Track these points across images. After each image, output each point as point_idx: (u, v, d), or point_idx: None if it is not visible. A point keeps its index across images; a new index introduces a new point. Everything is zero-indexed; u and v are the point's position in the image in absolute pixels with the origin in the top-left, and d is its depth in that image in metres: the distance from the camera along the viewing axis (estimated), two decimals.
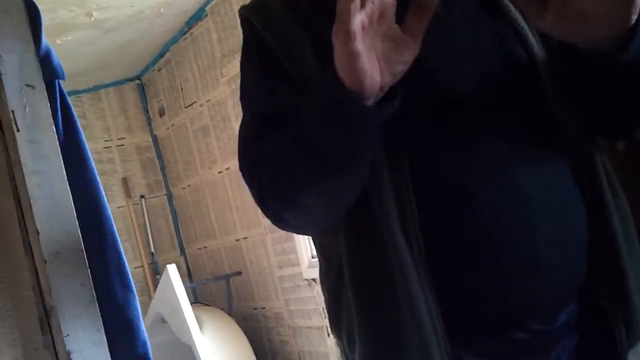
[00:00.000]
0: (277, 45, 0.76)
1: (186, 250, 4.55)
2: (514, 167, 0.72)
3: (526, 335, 0.73)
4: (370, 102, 0.63)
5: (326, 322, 3.23)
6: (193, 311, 3.19)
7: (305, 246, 3.30)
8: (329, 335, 3.24)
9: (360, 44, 0.59)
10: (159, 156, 4.55)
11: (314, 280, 3.25)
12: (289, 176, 0.70)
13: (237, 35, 3.40)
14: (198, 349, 3.14)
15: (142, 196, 4.44)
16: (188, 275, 4.50)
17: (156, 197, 4.51)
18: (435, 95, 0.73)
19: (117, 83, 4.42)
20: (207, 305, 3.87)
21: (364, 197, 0.72)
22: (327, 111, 0.65)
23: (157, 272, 4.33)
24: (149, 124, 4.54)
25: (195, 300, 4.21)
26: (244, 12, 0.81)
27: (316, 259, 3.31)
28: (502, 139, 0.72)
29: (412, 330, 0.69)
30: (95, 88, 4.33)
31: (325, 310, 3.30)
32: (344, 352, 0.82)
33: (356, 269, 0.75)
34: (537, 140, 0.74)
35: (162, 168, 4.55)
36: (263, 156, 0.73)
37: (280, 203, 0.73)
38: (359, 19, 0.59)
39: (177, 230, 4.55)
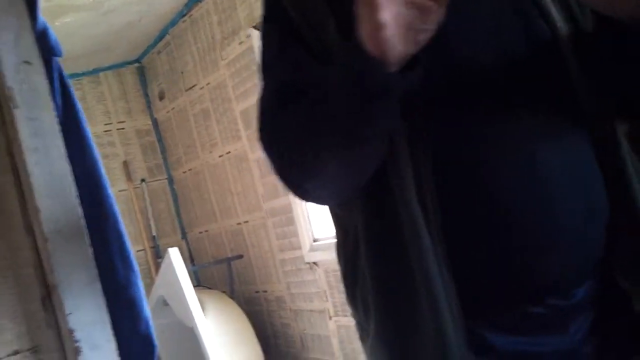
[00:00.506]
0: (298, 14, 0.75)
1: (187, 234, 4.56)
2: (534, 142, 0.71)
3: (543, 310, 0.73)
4: (392, 71, 0.63)
5: (328, 305, 3.24)
6: (195, 294, 3.20)
7: (306, 230, 3.30)
8: (330, 318, 3.26)
9: (386, 14, 0.59)
10: (160, 140, 4.53)
11: (315, 263, 3.26)
12: (311, 145, 0.70)
13: (236, 18, 3.36)
14: (200, 332, 3.15)
15: (143, 180, 4.43)
16: (190, 259, 4.51)
17: (157, 180, 4.51)
18: (456, 69, 0.72)
19: (117, 66, 4.39)
20: (209, 288, 3.89)
21: (382, 170, 0.72)
22: (351, 80, 0.64)
23: (158, 255, 4.34)
24: (149, 107, 4.52)
25: (197, 283, 4.22)
26: None
27: (318, 242, 3.31)
28: (522, 114, 0.72)
29: (426, 304, 0.69)
30: (95, 71, 4.30)
31: (326, 294, 3.32)
32: (359, 324, 0.82)
33: (372, 242, 0.75)
34: (557, 115, 0.73)
35: (163, 152, 4.54)
36: (285, 126, 0.73)
37: (302, 172, 0.73)
38: None
39: (178, 213, 4.55)
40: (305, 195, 0.77)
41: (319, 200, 0.82)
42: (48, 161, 0.95)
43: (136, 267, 1.08)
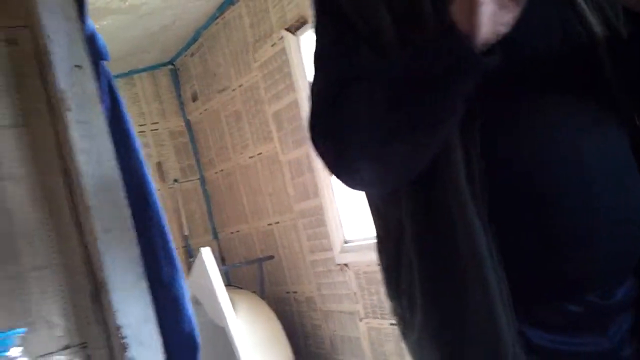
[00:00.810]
0: (353, 9, 0.77)
1: (219, 234, 4.61)
2: (577, 137, 0.72)
3: (580, 308, 0.72)
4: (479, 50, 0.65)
5: (358, 306, 3.24)
6: (226, 294, 3.23)
7: (337, 231, 3.30)
8: (361, 320, 3.25)
9: None
10: (192, 141, 4.59)
11: (346, 265, 3.26)
12: (376, 130, 0.71)
13: (269, 20, 3.39)
14: (232, 331, 3.18)
15: (175, 180, 4.50)
16: (220, 259, 4.56)
17: (189, 181, 4.57)
18: (508, 63, 0.73)
19: (151, 68, 4.47)
20: (240, 288, 3.92)
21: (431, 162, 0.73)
22: (436, 55, 0.67)
23: (190, 255, 4.40)
24: (182, 108, 4.59)
25: (227, 283, 4.26)
26: None
27: (349, 244, 3.31)
28: (568, 111, 0.73)
29: (479, 294, 0.69)
30: (130, 73, 4.38)
31: (357, 295, 3.31)
32: (401, 317, 0.82)
33: (420, 233, 0.75)
34: (597, 112, 0.74)
35: (195, 152, 4.60)
36: (346, 113, 0.73)
37: (362, 156, 0.73)
38: None
39: (209, 214, 4.60)
40: (357, 181, 0.78)
41: (369, 187, 0.82)
42: (98, 162, 0.98)
43: (179, 265, 1.11)
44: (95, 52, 1.05)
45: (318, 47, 0.82)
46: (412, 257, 0.76)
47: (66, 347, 1.01)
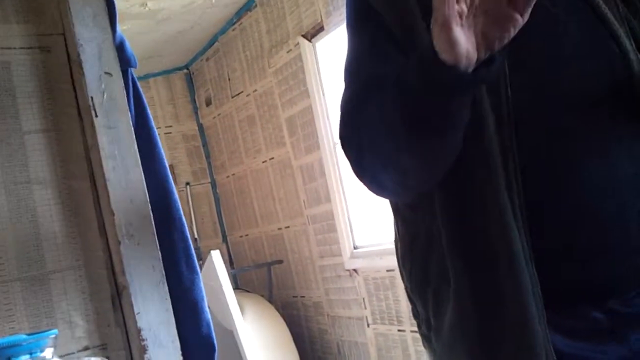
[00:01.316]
0: (389, 16, 0.78)
1: (228, 238, 4.64)
2: (609, 147, 0.75)
3: (602, 314, 0.73)
4: (463, 70, 0.65)
5: (366, 312, 3.25)
6: (235, 297, 3.25)
7: (347, 237, 3.31)
8: (368, 325, 3.26)
9: (457, 33, 0.62)
10: (205, 144, 4.63)
11: (355, 270, 3.27)
12: (390, 137, 0.73)
13: (285, 27, 3.42)
14: (240, 334, 3.20)
15: (187, 183, 4.54)
16: (229, 262, 4.58)
17: (201, 184, 4.61)
18: (540, 78, 0.76)
19: (166, 72, 4.51)
20: (248, 291, 3.94)
21: (463, 167, 0.75)
22: (425, 77, 0.67)
23: (199, 257, 4.43)
24: (196, 112, 4.63)
25: (236, 286, 4.29)
26: None
27: (358, 250, 3.33)
28: (602, 125, 0.76)
29: (515, 298, 0.71)
30: (145, 77, 4.43)
31: (365, 301, 3.31)
32: (426, 322, 0.84)
33: (455, 237, 0.77)
34: (629, 125, 0.76)
35: (207, 156, 4.64)
36: (366, 120, 0.76)
37: (380, 164, 0.76)
38: (454, 9, 0.61)
39: (220, 217, 4.63)
40: (380, 188, 0.80)
41: (393, 194, 0.84)
42: (124, 168, 1.01)
43: (198, 269, 1.13)
44: (123, 59, 1.07)
45: (350, 54, 0.84)
46: (448, 262, 0.77)
47: (86, 348, 1.03)
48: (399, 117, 0.71)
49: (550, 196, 0.74)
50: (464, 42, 0.62)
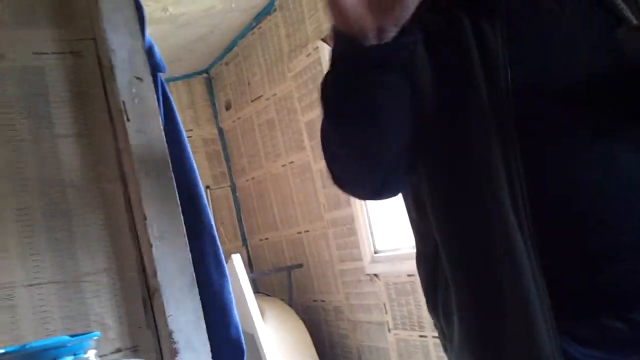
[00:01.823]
0: None
1: (248, 241, 4.65)
2: (618, 152, 0.73)
3: (624, 325, 0.71)
4: (369, 43, 0.65)
5: (387, 317, 3.23)
6: (255, 301, 3.26)
7: (368, 241, 3.30)
8: (389, 331, 3.24)
9: None
10: (224, 148, 4.66)
11: (376, 275, 3.26)
12: (330, 131, 0.74)
13: (304, 30, 3.43)
14: (260, 338, 3.21)
15: (207, 187, 4.56)
16: (249, 266, 4.60)
17: (221, 188, 4.63)
18: (545, 83, 0.75)
19: (186, 76, 4.55)
20: (268, 295, 3.95)
21: (465, 174, 0.73)
22: (332, 56, 0.69)
23: None
24: (216, 116, 4.66)
25: (256, 290, 4.30)
26: None
27: (379, 254, 3.31)
28: (608, 125, 0.74)
29: (519, 310, 0.69)
30: (166, 81, 4.47)
31: (386, 306, 3.30)
32: (441, 331, 0.83)
33: (453, 247, 0.76)
34: (635, 123, 0.74)
35: (227, 160, 4.66)
36: (325, 126, 0.77)
37: (330, 160, 0.77)
38: None
39: (239, 221, 4.65)
40: (342, 184, 0.80)
41: (354, 189, 0.84)
42: (155, 171, 1.01)
43: (227, 273, 1.13)
44: (152, 64, 1.08)
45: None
46: (448, 273, 0.77)
47: (118, 350, 1.04)
48: (332, 105, 0.71)
49: (556, 201, 0.72)
50: (353, 3, 0.62)
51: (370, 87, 0.68)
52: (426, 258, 0.83)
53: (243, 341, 1.10)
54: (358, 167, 0.76)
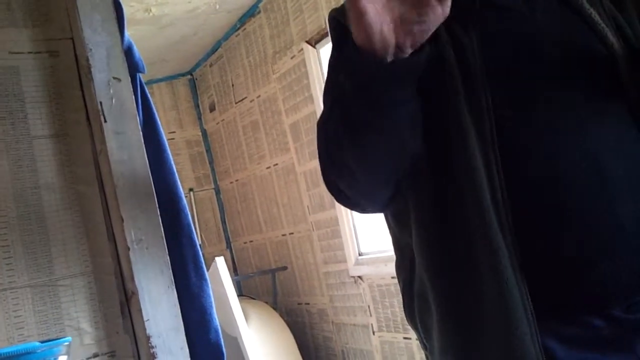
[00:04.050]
0: None
1: (232, 244, 4.62)
2: (598, 148, 0.73)
3: (603, 322, 0.71)
4: (387, 60, 0.66)
5: (371, 319, 3.23)
6: (239, 304, 3.23)
7: (352, 243, 3.30)
8: (374, 333, 3.24)
9: (365, 3, 0.62)
10: (208, 150, 4.63)
11: (360, 277, 3.26)
12: (334, 142, 0.75)
13: (289, 32, 3.42)
14: (244, 341, 3.19)
15: (190, 189, 4.53)
16: (233, 269, 4.57)
17: (204, 190, 4.60)
18: (521, 80, 0.75)
19: (170, 78, 4.52)
20: (252, 298, 3.93)
21: (447, 181, 0.73)
22: (347, 69, 0.70)
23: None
24: (199, 118, 4.63)
25: (240, 293, 4.27)
26: (335, 14, 0.83)
27: (363, 256, 3.31)
28: (586, 124, 0.74)
29: (500, 314, 0.69)
30: (149, 82, 4.44)
31: (370, 308, 3.30)
32: (421, 341, 0.83)
33: (433, 256, 0.76)
34: (618, 124, 0.75)
35: (211, 162, 4.63)
36: (321, 134, 0.78)
37: (332, 171, 0.78)
38: None
39: (223, 223, 4.62)
40: (342, 198, 0.81)
41: (355, 203, 0.84)
42: (132, 173, 1.00)
43: (207, 276, 1.11)
44: (132, 64, 1.07)
45: (327, 80, 0.85)
46: (427, 286, 0.77)
47: (95, 356, 1.02)
48: (337, 118, 0.72)
49: (534, 202, 0.72)
50: (376, 21, 0.63)
51: (392, 101, 0.70)
52: (404, 270, 0.83)
53: (223, 345, 1.09)
54: (371, 178, 0.77)
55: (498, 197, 0.71)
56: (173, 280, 1.02)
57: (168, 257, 1.02)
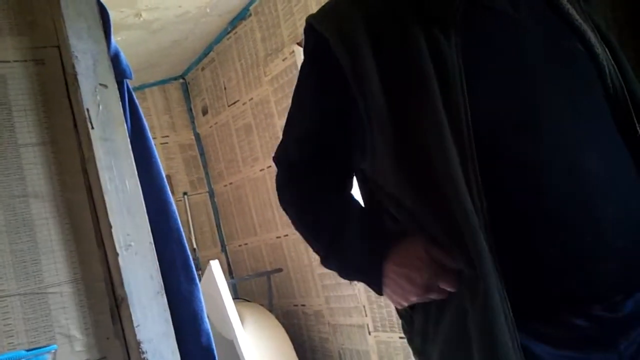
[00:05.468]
0: (349, 62, 0.79)
1: (227, 247, 4.62)
2: (579, 150, 0.74)
3: (586, 322, 0.72)
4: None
5: (367, 320, 3.23)
6: (235, 307, 3.23)
7: None
8: (370, 333, 3.25)
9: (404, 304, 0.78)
10: (202, 154, 4.63)
11: None
12: (287, 210, 0.91)
13: (280, 35, 3.43)
14: (240, 344, 3.18)
15: (185, 193, 4.52)
16: (229, 272, 4.57)
17: (198, 194, 4.59)
18: (505, 83, 0.76)
19: (162, 82, 4.51)
20: (248, 301, 3.92)
21: (430, 188, 0.75)
22: (349, 261, 0.86)
23: (198, 267, 4.40)
24: (192, 122, 4.62)
25: (235, 296, 4.27)
26: (312, 21, 0.84)
27: None
28: (568, 122, 0.75)
29: (483, 313, 0.70)
30: (141, 87, 4.43)
31: (366, 309, 3.29)
32: (416, 350, 0.84)
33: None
34: (599, 124, 0.76)
35: (205, 166, 4.63)
36: (287, 202, 0.91)
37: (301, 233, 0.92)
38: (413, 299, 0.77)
39: (218, 226, 4.62)
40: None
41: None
42: (120, 179, 1.00)
43: (197, 280, 1.12)
44: (119, 71, 1.07)
45: (298, 93, 0.90)
46: None
47: None
48: (311, 236, 0.90)
49: (513, 205, 0.73)
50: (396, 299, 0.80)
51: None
52: None
53: (214, 349, 1.09)
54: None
55: (476, 201, 0.71)
56: (163, 285, 1.02)
57: (157, 263, 1.02)
